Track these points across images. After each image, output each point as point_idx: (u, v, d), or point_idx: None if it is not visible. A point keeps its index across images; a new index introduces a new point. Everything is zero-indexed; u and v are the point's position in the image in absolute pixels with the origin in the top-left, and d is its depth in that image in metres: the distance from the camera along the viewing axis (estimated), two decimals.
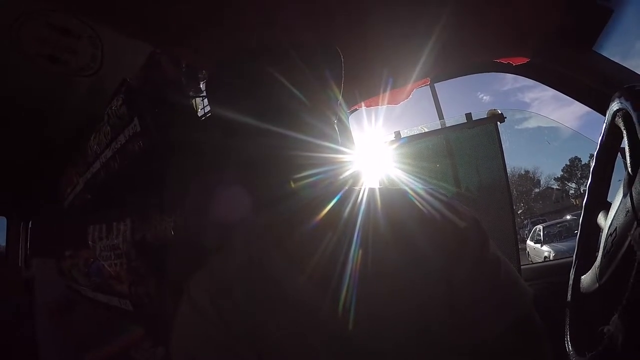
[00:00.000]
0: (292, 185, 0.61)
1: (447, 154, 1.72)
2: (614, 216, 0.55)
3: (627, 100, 0.47)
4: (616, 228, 0.53)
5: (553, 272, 1.59)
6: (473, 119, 1.68)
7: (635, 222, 0.45)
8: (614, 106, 0.53)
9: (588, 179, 0.73)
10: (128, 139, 1.36)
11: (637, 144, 0.44)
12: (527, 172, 30.59)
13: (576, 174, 28.96)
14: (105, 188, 1.66)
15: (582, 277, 0.70)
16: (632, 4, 0.97)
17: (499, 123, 1.64)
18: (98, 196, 1.78)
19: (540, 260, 10.17)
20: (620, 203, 0.53)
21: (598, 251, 0.63)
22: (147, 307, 1.37)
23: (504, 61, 1.20)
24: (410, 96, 1.45)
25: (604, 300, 0.61)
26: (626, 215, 0.49)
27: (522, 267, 1.64)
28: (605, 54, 0.98)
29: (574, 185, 29.39)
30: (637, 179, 0.46)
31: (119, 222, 1.55)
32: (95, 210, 1.84)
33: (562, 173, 30.35)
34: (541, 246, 10.52)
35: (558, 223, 12.32)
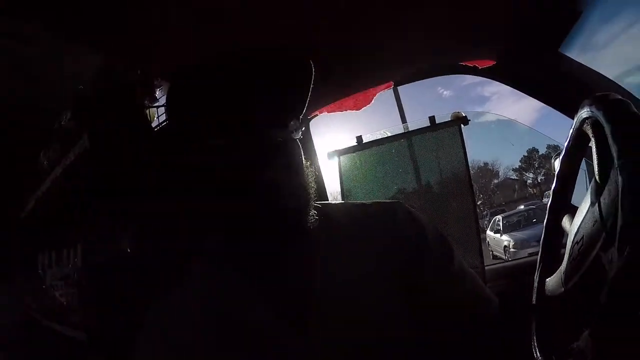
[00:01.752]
0: (254, 209, 0.57)
1: (410, 157, 1.74)
2: (581, 223, 0.55)
3: (598, 109, 0.46)
4: (583, 236, 0.53)
5: (518, 272, 1.63)
6: (437, 122, 1.70)
7: (604, 234, 0.45)
8: (584, 114, 0.52)
9: (544, 171, 0.73)
10: (77, 156, 1.27)
11: (607, 154, 0.43)
12: (486, 164, 31.93)
13: (533, 164, 30.44)
14: (55, 208, 1.55)
15: (547, 279, 0.71)
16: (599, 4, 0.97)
17: (462, 125, 1.67)
18: (48, 217, 1.65)
19: (500, 249, 10.66)
20: (587, 211, 0.53)
21: (563, 254, 0.64)
22: (102, 337, 1.28)
23: (469, 64, 1.20)
24: (373, 101, 1.44)
25: (570, 306, 0.62)
26: (594, 225, 0.49)
27: (485, 267, 1.66)
28: (569, 53, 0.99)
29: (531, 175, 30.92)
30: (605, 190, 0.46)
31: (70, 248, 1.44)
32: (44, 233, 1.71)
33: (520, 164, 31.87)
34: (500, 236, 11.03)
35: (516, 213, 12.96)
